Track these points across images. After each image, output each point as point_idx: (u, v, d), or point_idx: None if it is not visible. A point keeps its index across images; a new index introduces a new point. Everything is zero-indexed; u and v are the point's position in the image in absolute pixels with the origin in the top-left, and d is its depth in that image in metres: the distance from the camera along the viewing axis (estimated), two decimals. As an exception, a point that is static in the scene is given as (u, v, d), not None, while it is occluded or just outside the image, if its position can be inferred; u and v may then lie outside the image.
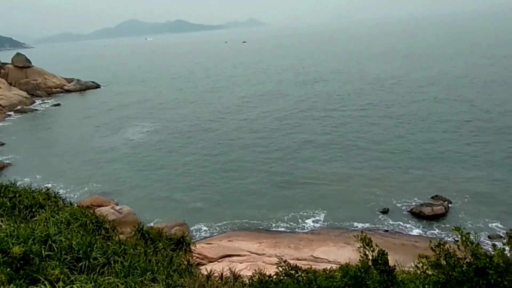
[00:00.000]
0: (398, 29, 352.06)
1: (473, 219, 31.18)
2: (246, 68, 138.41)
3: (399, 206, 34.22)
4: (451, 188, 36.12)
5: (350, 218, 33.19)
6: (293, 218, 34.17)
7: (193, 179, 43.81)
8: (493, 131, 49.50)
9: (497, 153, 42.84)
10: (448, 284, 6.00)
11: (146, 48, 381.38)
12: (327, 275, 8.42)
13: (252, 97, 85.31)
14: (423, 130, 52.73)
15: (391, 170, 41.36)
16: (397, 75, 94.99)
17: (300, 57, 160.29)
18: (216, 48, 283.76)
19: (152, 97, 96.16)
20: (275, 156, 48.45)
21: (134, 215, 33.28)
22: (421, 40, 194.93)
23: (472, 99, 65.49)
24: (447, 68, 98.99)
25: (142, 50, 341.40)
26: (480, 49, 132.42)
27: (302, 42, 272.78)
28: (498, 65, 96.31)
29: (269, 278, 8.93)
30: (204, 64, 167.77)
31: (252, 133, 58.77)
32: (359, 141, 50.86)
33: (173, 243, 16.77)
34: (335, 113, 65.69)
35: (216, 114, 72.93)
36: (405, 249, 27.32)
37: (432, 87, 78.32)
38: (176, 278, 10.54)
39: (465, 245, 5.90)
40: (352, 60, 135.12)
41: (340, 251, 27.62)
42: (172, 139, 59.67)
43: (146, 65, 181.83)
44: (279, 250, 29.10)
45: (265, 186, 40.64)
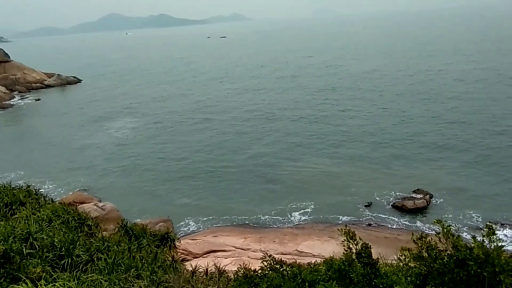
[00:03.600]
0: (384, 24, 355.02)
1: (454, 212, 31.81)
2: (228, 63, 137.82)
3: (382, 200, 34.67)
4: (433, 182, 36.74)
5: (334, 212, 33.50)
6: (279, 212, 34.34)
7: (177, 175, 43.57)
8: (473, 127, 50.42)
9: (477, 148, 43.71)
10: (429, 276, 6.11)
11: (127, 43, 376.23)
12: (312, 269, 8.49)
13: (236, 92, 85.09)
14: (404, 125, 53.40)
15: (374, 165, 41.83)
16: (378, 71, 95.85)
17: (278, 52, 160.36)
18: (198, 43, 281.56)
19: (134, 92, 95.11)
20: (260, 151, 48.50)
21: (117, 212, 32.93)
22: (401, 36, 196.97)
23: (453, 96, 66.53)
24: (428, 64, 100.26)
25: (123, 45, 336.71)
26: (464, 45, 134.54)
27: (282, 37, 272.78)
28: (481, 61, 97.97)
29: (254, 273, 8.96)
30: (186, 59, 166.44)
31: (237, 128, 58.69)
32: (342, 136, 51.26)
33: (158, 240, 16.65)
34: (318, 109, 65.98)
35: (200, 109, 72.49)
36: (388, 242, 27.74)
37: (412, 83, 79.25)
38: (161, 274, 10.49)
39: (446, 238, 6.01)
40: (330, 55, 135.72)
41: (325, 245, 27.88)
42: (155, 135, 59.19)
43: (128, 60, 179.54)
44: (264, 245, 29.20)
45: (251, 181, 40.68)
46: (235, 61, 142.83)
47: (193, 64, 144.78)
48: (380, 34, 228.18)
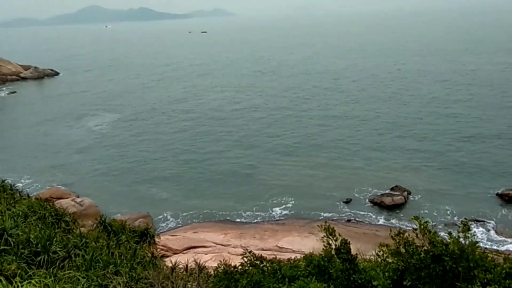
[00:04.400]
0: (366, 23, 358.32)
1: (430, 208, 32.47)
2: (208, 59, 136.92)
3: (361, 196, 35.13)
4: (411, 179, 37.42)
5: (314, 208, 33.79)
6: (260, 208, 34.45)
7: (157, 170, 43.19)
8: (449, 124, 51.49)
9: (453, 148, 44.65)
10: (407, 271, 6.23)
11: (107, 36, 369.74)
12: (292, 264, 8.55)
13: (217, 89, 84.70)
14: (383, 124, 54.11)
15: (353, 162, 42.31)
16: (360, 68, 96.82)
17: (258, 48, 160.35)
18: (179, 37, 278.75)
19: (113, 86, 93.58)
20: (241, 148, 48.47)
21: (96, 208, 32.52)
22: (384, 35, 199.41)
23: (429, 94, 67.75)
24: (409, 63, 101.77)
25: (103, 38, 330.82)
26: (446, 45, 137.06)
27: (263, 33, 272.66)
28: (460, 62, 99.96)
29: (234, 269, 8.97)
30: (166, 53, 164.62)
31: (217, 125, 58.45)
32: (322, 134, 51.63)
33: (137, 236, 16.49)
34: (298, 106, 66.28)
35: (180, 105, 71.86)
36: (367, 237, 28.13)
37: (391, 83, 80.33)
38: (140, 270, 10.39)
39: (423, 234, 6.13)
40: (308, 52, 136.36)
41: (304, 240, 28.10)
42: (134, 130, 58.43)
43: (107, 54, 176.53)
44: (244, 241, 29.25)
45: (231, 177, 40.63)
46: (214, 57, 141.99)
47: (173, 59, 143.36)
48: (363, 31, 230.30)
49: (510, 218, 30.60)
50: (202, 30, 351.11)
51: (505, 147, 43.16)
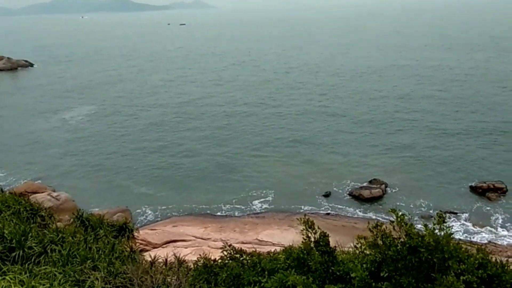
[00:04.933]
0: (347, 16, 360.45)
1: (407, 201, 33.16)
2: (185, 51, 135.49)
3: (340, 190, 35.58)
4: (388, 172, 38.07)
5: (294, 201, 34.06)
6: (240, 201, 34.53)
7: (135, 164, 42.68)
8: (425, 119, 52.50)
9: (429, 139, 45.60)
10: (384, 263, 6.35)
11: (83, 27, 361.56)
12: (271, 257, 8.61)
13: (197, 82, 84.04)
14: (361, 118, 54.77)
15: (332, 155, 42.75)
16: (340, 63, 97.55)
17: (237, 41, 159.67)
18: (157, 29, 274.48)
19: (89, 78, 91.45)
20: (221, 141, 48.30)
21: (72, 202, 31.96)
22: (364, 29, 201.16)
23: (405, 89, 68.87)
24: (385, 57, 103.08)
25: (79, 29, 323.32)
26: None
27: (242, 26, 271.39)
28: (437, 58, 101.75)
29: (214, 262, 8.97)
30: (143, 46, 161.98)
31: (197, 117, 58.05)
32: (301, 127, 51.89)
33: (115, 230, 16.28)
34: (277, 100, 66.39)
35: (157, 97, 70.93)
36: (345, 230, 28.54)
37: (366, 77, 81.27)
38: (119, 265, 10.27)
39: (400, 226, 6.26)
40: (290, 45, 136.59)
41: (284, 233, 28.32)
42: (112, 122, 57.47)
43: (83, 45, 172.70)
44: (224, 234, 29.29)
45: (211, 171, 40.54)
46: (192, 49, 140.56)
47: (150, 51, 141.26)
48: (343, 25, 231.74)
49: (483, 210, 31.52)
50: (181, 22, 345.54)
51: (478, 141, 44.35)
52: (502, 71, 78.24)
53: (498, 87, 65.90)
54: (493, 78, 72.43)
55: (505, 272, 7.03)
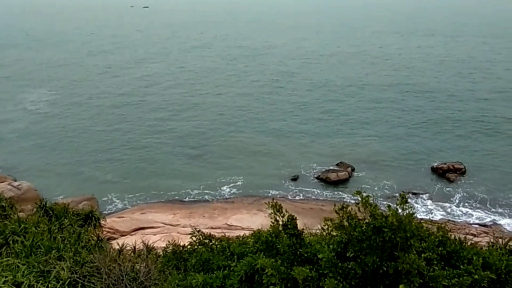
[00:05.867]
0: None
1: (372, 183, 34.13)
2: (150, 35, 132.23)
3: (307, 173, 36.14)
4: (354, 154, 38.95)
5: (263, 186, 34.36)
6: (208, 187, 34.50)
7: (100, 151, 41.68)
8: (389, 101, 53.82)
9: (393, 121, 46.88)
10: (350, 243, 6.53)
11: (40, 8, 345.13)
12: (240, 241, 8.68)
13: (164, 64, 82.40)
14: (325, 100, 55.48)
15: (299, 139, 43.23)
16: (303, 48, 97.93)
17: (201, 25, 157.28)
18: (119, 12, 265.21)
19: (49, 62, 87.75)
20: (187, 126, 47.78)
21: (35, 191, 31.04)
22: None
23: (367, 71, 70.16)
24: (354, 43, 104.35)
25: (36, 10, 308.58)
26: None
27: (209, 8, 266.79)
28: (409, 43, 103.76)
29: (183, 248, 8.96)
30: (103, 28, 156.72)
31: (159, 102, 56.96)
32: (268, 111, 52.09)
33: (81, 219, 15.90)
34: (243, 83, 66.20)
35: (121, 82, 69.04)
36: (313, 212, 29.13)
37: (334, 61, 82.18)
38: (85, 254, 10.08)
39: (364, 207, 6.43)
40: (250, 30, 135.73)
41: (253, 218, 28.60)
42: (74, 108, 55.54)
43: (41, 27, 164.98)
44: (193, 220, 29.27)
45: (178, 156, 40.19)
46: (158, 34, 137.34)
47: (112, 34, 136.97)
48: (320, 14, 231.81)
49: (443, 190, 32.89)
50: (144, 5, 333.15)
51: (438, 125, 45.94)
52: (462, 58, 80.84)
53: (457, 74, 68.12)
54: (452, 65, 74.77)
55: (463, 248, 7.39)
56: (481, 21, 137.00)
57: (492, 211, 30.16)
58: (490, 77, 64.36)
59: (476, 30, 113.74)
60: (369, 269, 6.17)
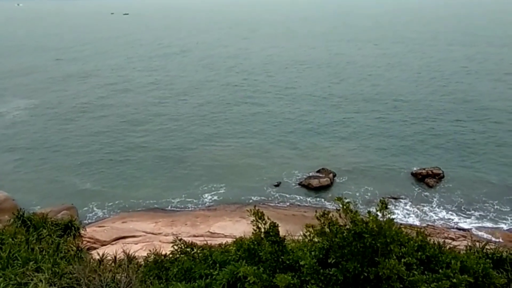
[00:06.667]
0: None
1: (354, 189, 34.45)
2: (129, 42, 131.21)
3: (289, 179, 36.27)
4: (336, 161, 39.28)
5: (245, 193, 34.32)
6: (190, 195, 34.28)
7: (79, 160, 40.97)
8: (368, 109, 54.55)
9: (373, 129, 47.50)
10: (331, 250, 6.59)
11: (18, 15, 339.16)
12: (223, 249, 8.66)
13: (144, 71, 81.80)
14: (308, 107, 55.87)
15: (281, 146, 43.40)
16: (287, 53, 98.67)
17: (184, 32, 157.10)
18: (99, 19, 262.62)
19: (27, 71, 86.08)
20: (168, 134, 47.45)
21: (12, 201, 30.37)
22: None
23: (347, 77, 71.07)
24: (336, 48, 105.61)
25: (14, 17, 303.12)
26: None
27: (191, 15, 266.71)
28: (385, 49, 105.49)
29: (165, 257, 8.88)
30: (84, 34, 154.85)
31: (142, 109, 56.51)
32: (251, 118, 52.16)
33: (60, 229, 15.65)
34: (225, 91, 66.20)
35: (101, 92, 68.02)
36: (295, 219, 29.22)
37: (317, 67, 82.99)
38: (64, 265, 9.89)
39: (345, 213, 6.50)
40: (226, 35, 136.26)
41: (236, 225, 28.51)
42: (52, 117, 54.49)
43: (19, 35, 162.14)
44: (175, 228, 29.02)
45: (159, 165, 39.82)
46: (138, 39, 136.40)
47: (92, 40, 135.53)
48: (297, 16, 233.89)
49: (422, 195, 33.43)
50: (124, 12, 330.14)
51: (417, 129, 46.75)
52: (440, 60, 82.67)
53: (435, 77, 69.59)
54: (429, 68, 76.38)
55: (441, 252, 7.54)
56: (457, 29, 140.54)
57: (470, 215, 30.78)
58: (464, 83, 65.86)
59: (450, 38, 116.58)
60: (350, 275, 6.24)
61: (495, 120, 47.47)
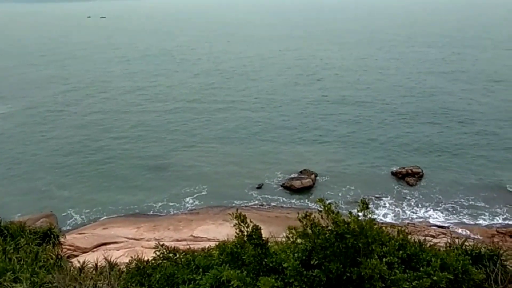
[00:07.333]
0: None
1: (336, 189, 34.74)
2: (105, 46, 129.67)
3: (272, 181, 36.33)
4: (317, 162, 39.53)
5: (228, 196, 34.22)
6: (172, 199, 34.00)
7: (57, 167, 40.19)
8: (347, 110, 55.14)
9: (352, 129, 48.03)
10: (314, 251, 6.62)
11: None
12: (205, 254, 8.59)
13: (125, 76, 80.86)
14: (286, 110, 56.06)
15: (262, 148, 43.47)
16: (263, 55, 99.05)
17: (159, 36, 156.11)
18: (76, 23, 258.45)
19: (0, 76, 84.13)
20: (147, 138, 46.92)
21: (-12, 210, 29.48)
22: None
23: (327, 81, 71.73)
24: (311, 50, 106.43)
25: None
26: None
27: (167, 20, 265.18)
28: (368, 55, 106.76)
29: (147, 263, 8.77)
30: (62, 40, 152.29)
31: (122, 114, 55.82)
32: (231, 121, 52.05)
33: (39, 237, 15.33)
34: (204, 94, 65.97)
35: (76, 94, 66.84)
36: (279, 220, 29.27)
37: (294, 68, 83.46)
38: (43, 274, 9.68)
39: (327, 215, 6.54)
40: (216, 40, 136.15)
41: (219, 228, 28.39)
42: (29, 123, 53.25)
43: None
44: (158, 233, 28.73)
45: (139, 169, 39.36)
46: (115, 43, 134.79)
47: (67, 45, 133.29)
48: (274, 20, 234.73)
49: (403, 194, 33.93)
50: (101, 15, 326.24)
51: (396, 129, 47.48)
52: (417, 59, 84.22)
53: (414, 76, 70.86)
54: (408, 68, 77.74)
55: (422, 250, 7.65)
56: (433, 30, 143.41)
57: (449, 212, 31.39)
58: (439, 85, 67.23)
59: (427, 40, 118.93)
60: (333, 275, 6.28)
61: (469, 122, 48.50)
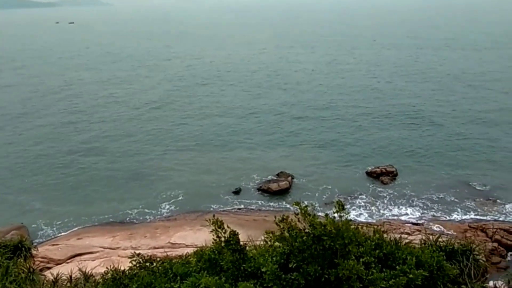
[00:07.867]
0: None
1: (312, 190, 34.98)
2: (74, 51, 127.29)
3: (249, 185, 36.28)
4: (293, 164, 39.74)
5: (205, 201, 33.94)
6: (148, 205, 33.44)
7: (26, 177, 38.93)
8: (322, 110, 55.77)
9: (326, 128, 48.62)
10: (292, 254, 6.64)
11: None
12: (183, 261, 8.50)
13: (92, 80, 79.34)
14: (262, 112, 56.25)
15: (238, 152, 43.36)
16: (240, 58, 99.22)
17: (126, 41, 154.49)
18: (44, 29, 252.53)
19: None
20: (120, 145, 46.07)
21: (-45, 224, 28.37)
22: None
23: (300, 84, 72.41)
24: (283, 55, 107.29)
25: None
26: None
27: (137, 25, 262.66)
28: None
29: (123, 273, 8.60)
30: (29, 46, 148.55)
31: (91, 120, 54.60)
32: (205, 125, 51.72)
33: (9, 250, 14.88)
34: (176, 99, 65.38)
35: (45, 102, 65.04)
36: (257, 224, 29.24)
37: (270, 74, 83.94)
38: (14, 290, 9.37)
39: (304, 217, 6.58)
40: (187, 45, 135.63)
41: (197, 234, 28.13)
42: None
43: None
44: (134, 241, 28.24)
45: (112, 178, 38.49)
46: (84, 48, 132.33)
47: (36, 50, 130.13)
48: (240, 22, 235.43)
49: (378, 193, 34.48)
50: (69, 21, 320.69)
51: (369, 129, 48.30)
52: (386, 61, 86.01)
53: (384, 78, 72.31)
54: (386, 67, 79.28)
55: (398, 249, 7.80)
56: (403, 32, 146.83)
57: (424, 209, 32.06)
58: (413, 82, 68.93)
59: (397, 41, 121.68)
60: (311, 278, 6.30)
61: (438, 123, 49.68)
